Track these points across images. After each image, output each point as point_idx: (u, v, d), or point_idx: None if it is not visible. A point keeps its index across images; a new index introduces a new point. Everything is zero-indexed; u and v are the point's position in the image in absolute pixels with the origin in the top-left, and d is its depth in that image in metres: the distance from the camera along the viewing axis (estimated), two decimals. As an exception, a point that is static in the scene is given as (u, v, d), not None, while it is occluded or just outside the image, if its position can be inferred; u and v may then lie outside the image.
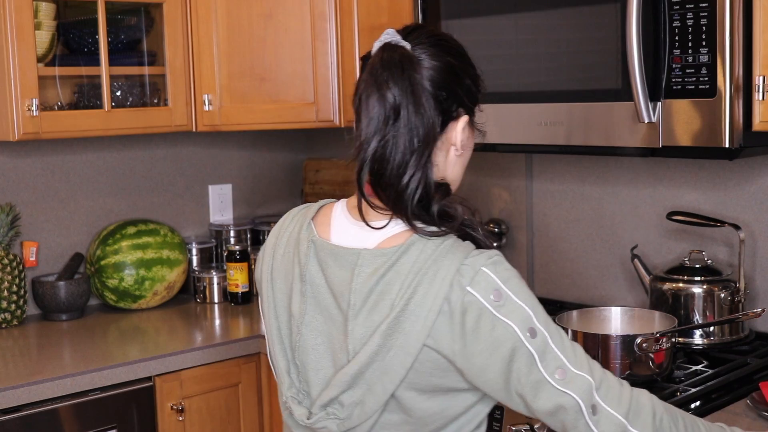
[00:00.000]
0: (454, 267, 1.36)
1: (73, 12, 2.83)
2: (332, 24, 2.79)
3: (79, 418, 2.35)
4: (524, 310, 1.36)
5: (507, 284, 1.37)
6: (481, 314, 1.35)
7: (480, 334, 1.36)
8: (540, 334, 1.36)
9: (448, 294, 1.36)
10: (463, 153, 1.52)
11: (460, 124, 1.48)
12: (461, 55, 1.50)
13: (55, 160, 2.98)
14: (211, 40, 2.82)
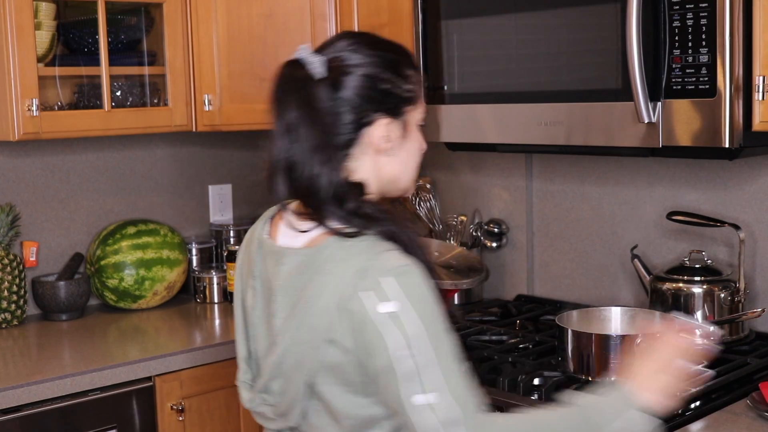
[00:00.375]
0: (355, 269, 1.42)
1: (73, 12, 2.83)
2: (332, 24, 2.79)
3: (79, 418, 2.35)
4: (412, 325, 1.38)
5: (404, 296, 1.39)
6: (368, 320, 1.40)
7: (365, 339, 1.41)
8: (424, 352, 1.38)
9: (345, 294, 1.42)
10: (397, 153, 1.57)
11: (378, 128, 1.53)
12: (377, 60, 1.54)
13: (55, 160, 2.98)
14: (211, 40, 2.82)
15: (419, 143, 1.60)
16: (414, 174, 1.62)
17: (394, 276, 1.41)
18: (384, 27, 2.66)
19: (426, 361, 1.38)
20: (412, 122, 1.57)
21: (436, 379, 1.38)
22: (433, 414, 1.37)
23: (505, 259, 2.91)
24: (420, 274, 1.43)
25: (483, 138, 2.39)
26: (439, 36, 2.43)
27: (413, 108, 1.57)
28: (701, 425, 1.85)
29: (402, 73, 1.55)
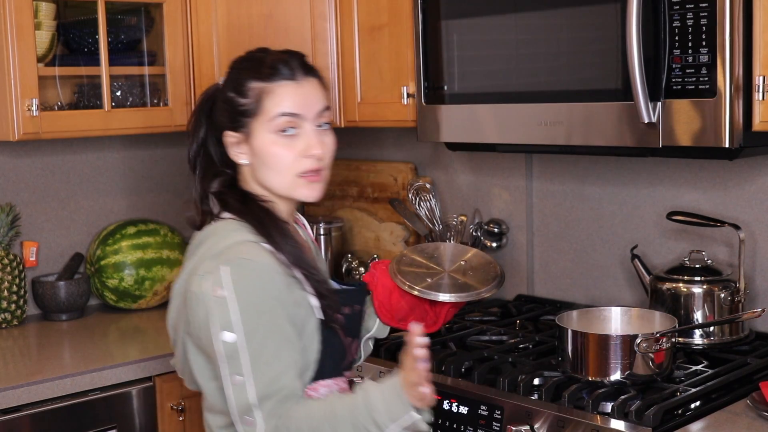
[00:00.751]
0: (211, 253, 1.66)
1: (73, 12, 2.83)
2: (332, 24, 2.79)
3: (79, 418, 2.35)
4: (231, 315, 1.60)
5: (235, 287, 1.60)
6: (200, 301, 1.63)
7: (197, 317, 1.65)
8: (236, 341, 1.60)
9: (192, 273, 1.68)
10: (255, 162, 1.74)
11: (226, 140, 1.76)
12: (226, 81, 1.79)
13: (55, 160, 2.98)
14: (211, 40, 2.82)
15: (277, 150, 1.72)
16: (285, 179, 1.73)
17: (231, 266, 1.61)
18: (384, 27, 2.66)
19: (239, 347, 1.60)
20: (257, 131, 1.72)
21: (245, 365, 1.60)
22: (238, 395, 1.61)
23: (505, 259, 2.91)
24: (257, 269, 1.62)
25: (483, 138, 2.39)
26: (439, 36, 2.43)
27: (255, 118, 1.72)
28: (701, 425, 1.85)
29: (240, 88, 1.74)
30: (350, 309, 1.83)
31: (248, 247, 1.65)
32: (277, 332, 1.63)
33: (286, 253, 1.68)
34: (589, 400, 1.90)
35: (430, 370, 1.59)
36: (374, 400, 1.60)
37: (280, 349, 1.63)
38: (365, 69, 2.73)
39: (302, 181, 1.74)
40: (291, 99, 1.72)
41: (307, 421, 1.61)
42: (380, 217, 3.21)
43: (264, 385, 1.61)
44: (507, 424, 1.96)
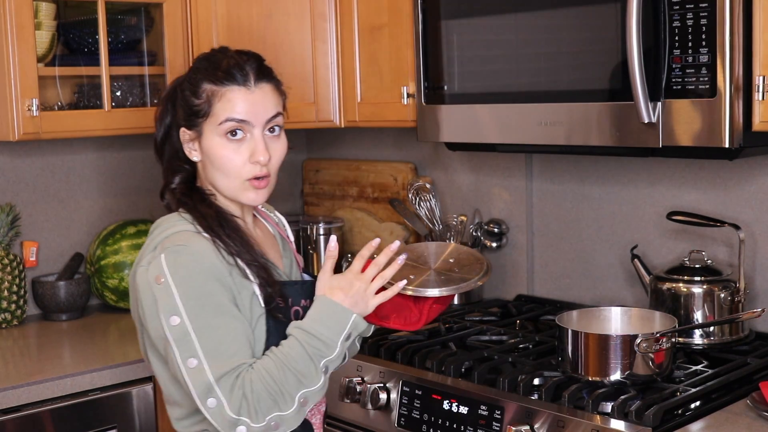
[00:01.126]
0: (155, 243, 1.72)
1: (73, 12, 2.83)
2: (332, 24, 2.79)
3: (79, 418, 2.35)
4: (174, 299, 1.65)
5: (170, 273, 1.65)
6: (145, 289, 1.68)
7: (144, 305, 1.69)
8: (182, 323, 1.64)
9: (138, 261, 1.74)
10: (204, 160, 1.79)
11: (181, 136, 1.80)
12: (185, 78, 1.81)
13: (55, 160, 2.98)
14: (211, 40, 2.81)
15: (225, 153, 1.75)
16: (232, 183, 1.77)
17: (167, 254, 1.67)
18: (384, 27, 2.66)
19: (187, 330, 1.64)
20: (207, 132, 1.76)
21: (194, 347, 1.64)
22: (195, 378, 1.64)
23: (505, 259, 2.91)
24: (193, 253, 1.67)
25: (483, 138, 2.39)
26: (439, 36, 2.43)
27: (206, 120, 1.75)
28: (701, 425, 1.85)
29: (195, 89, 1.76)
30: (309, 302, 1.82)
31: (185, 235, 1.71)
32: (222, 311, 1.66)
33: (226, 244, 1.72)
34: (589, 400, 1.90)
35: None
36: (314, 325, 1.70)
37: (228, 327, 1.66)
38: (365, 69, 2.73)
39: (248, 186, 1.78)
40: (240, 105, 1.74)
41: (267, 378, 1.65)
42: (380, 217, 3.21)
43: (219, 363, 1.64)
44: (507, 424, 1.96)
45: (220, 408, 1.64)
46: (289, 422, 1.68)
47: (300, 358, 1.68)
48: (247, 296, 1.73)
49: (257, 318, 1.74)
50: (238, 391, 1.64)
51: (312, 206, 3.49)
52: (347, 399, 2.25)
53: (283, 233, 2.01)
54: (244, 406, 1.64)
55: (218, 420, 1.65)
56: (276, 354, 1.69)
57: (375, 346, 2.35)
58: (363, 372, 2.27)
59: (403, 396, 2.17)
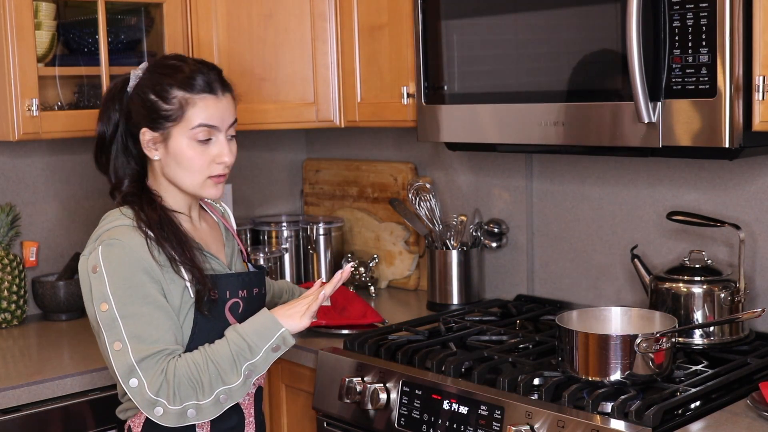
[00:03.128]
0: (96, 235, 1.91)
1: (73, 12, 2.83)
2: (332, 24, 2.79)
3: (80, 418, 2.35)
4: (105, 288, 1.82)
5: (104, 263, 1.83)
6: (84, 277, 1.87)
7: (84, 291, 1.88)
8: (110, 309, 1.81)
9: (83, 252, 1.92)
10: (166, 159, 1.94)
11: (143, 136, 1.94)
12: (147, 84, 1.93)
13: (55, 160, 2.98)
14: (211, 40, 2.82)
15: (192, 154, 1.92)
16: (195, 180, 1.94)
17: (103, 246, 1.85)
18: (384, 27, 2.66)
19: (115, 316, 1.81)
20: (175, 135, 1.91)
21: (120, 332, 1.81)
22: (119, 360, 1.81)
23: (505, 259, 2.91)
24: (125, 247, 1.84)
25: (483, 138, 2.39)
26: (439, 36, 2.43)
27: (176, 124, 1.90)
28: (701, 425, 1.85)
29: (164, 94, 1.90)
30: (247, 292, 2.00)
31: (121, 229, 1.87)
32: (149, 302, 1.82)
33: (162, 245, 1.87)
34: (589, 400, 1.90)
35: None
36: (245, 329, 1.87)
37: (153, 315, 1.82)
38: (365, 69, 2.73)
39: (210, 182, 1.96)
40: (210, 112, 1.92)
41: (191, 366, 1.81)
42: (380, 217, 3.21)
43: (142, 347, 1.80)
44: (507, 424, 1.96)
45: (141, 388, 1.79)
46: (205, 413, 1.83)
47: (225, 355, 1.84)
48: (178, 289, 1.88)
49: (186, 310, 1.89)
50: (160, 375, 1.79)
51: (312, 206, 3.49)
52: (347, 399, 2.25)
53: (226, 223, 2.16)
54: (164, 388, 1.79)
55: (138, 399, 1.80)
56: (205, 348, 1.86)
57: (375, 346, 2.35)
58: (363, 372, 2.27)
59: (403, 396, 2.17)
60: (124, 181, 1.99)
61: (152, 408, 1.80)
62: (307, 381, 2.46)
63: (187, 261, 1.89)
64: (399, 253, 3.15)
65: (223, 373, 1.83)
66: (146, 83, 1.93)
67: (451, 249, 2.83)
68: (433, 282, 2.87)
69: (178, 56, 2.00)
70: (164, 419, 1.81)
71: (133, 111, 1.95)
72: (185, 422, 1.84)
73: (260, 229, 3.29)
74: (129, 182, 1.98)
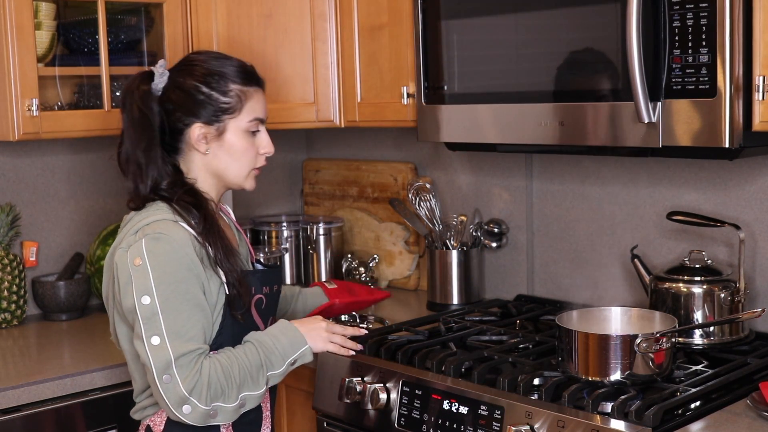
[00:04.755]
0: (135, 229, 1.87)
1: (73, 12, 2.83)
2: (332, 24, 2.79)
3: (79, 418, 2.35)
4: (148, 280, 1.81)
5: (149, 257, 1.82)
6: (124, 269, 1.85)
7: (121, 283, 1.86)
8: (152, 303, 1.81)
9: (116, 246, 1.90)
10: (217, 153, 1.96)
11: (194, 131, 1.94)
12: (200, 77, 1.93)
13: (55, 160, 2.98)
14: (211, 41, 2.82)
15: (245, 146, 1.97)
16: (244, 171, 1.99)
17: (147, 239, 1.84)
18: (384, 27, 2.66)
19: (156, 310, 1.81)
20: (231, 128, 1.94)
21: (160, 326, 1.81)
22: (156, 354, 1.81)
23: (505, 259, 2.91)
24: (171, 242, 1.83)
25: (483, 138, 2.39)
26: (439, 36, 2.43)
27: (232, 116, 1.94)
28: (701, 425, 1.85)
29: (222, 87, 1.92)
30: (269, 288, 2.05)
31: (165, 224, 1.86)
32: (189, 298, 1.84)
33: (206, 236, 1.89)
34: (589, 400, 1.90)
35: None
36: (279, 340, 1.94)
37: (192, 313, 1.84)
38: (365, 69, 2.73)
39: (253, 174, 2.03)
40: (261, 104, 2.00)
41: (223, 369, 1.85)
42: (380, 217, 3.21)
43: (181, 344, 1.81)
44: (507, 424, 1.96)
45: (174, 384, 1.80)
46: (225, 415, 1.87)
47: (254, 363, 1.90)
48: (215, 287, 1.91)
49: (220, 308, 1.92)
50: (196, 374, 1.81)
51: (312, 206, 3.49)
52: (347, 399, 2.25)
53: (236, 224, 2.19)
54: (198, 387, 1.81)
55: (169, 395, 1.81)
56: (234, 353, 1.89)
57: (375, 346, 2.35)
58: (363, 372, 2.27)
59: (403, 396, 2.17)
60: (162, 181, 1.96)
61: (181, 405, 1.82)
62: (307, 381, 2.46)
63: (227, 260, 1.91)
64: (399, 253, 3.15)
65: (250, 379, 1.89)
66: (193, 77, 1.94)
67: (451, 249, 2.83)
68: (433, 282, 2.87)
69: (209, 52, 2.05)
70: (190, 417, 1.83)
71: (178, 108, 1.94)
72: (208, 422, 1.87)
73: (260, 229, 3.29)
74: (169, 180, 1.96)
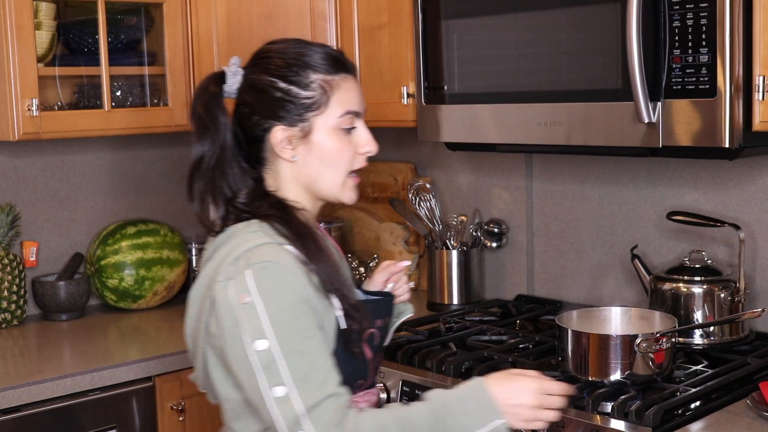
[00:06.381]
0: (232, 257, 1.52)
1: (73, 12, 2.83)
2: (332, 24, 2.79)
3: (79, 418, 2.35)
4: (261, 322, 1.46)
5: (260, 292, 1.47)
6: (227, 308, 1.49)
7: (224, 326, 1.50)
8: (270, 350, 1.46)
9: (213, 280, 1.54)
10: (305, 158, 1.61)
11: (275, 135, 1.60)
12: (273, 71, 1.61)
13: (55, 160, 2.98)
14: (211, 41, 2.82)
15: (338, 146, 1.61)
16: (338, 177, 1.63)
17: (254, 270, 1.49)
18: (384, 27, 2.66)
19: (275, 355, 1.46)
20: (318, 127, 1.60)
21: (284, 374, 1.46)
22: (283, 409, 1.46)
23: (505, 259, 2.91)
24: (283, 271, 1.49)
25: (483, 138, 2.39)
26: (439, 36, 2.43)
27: (318, 113, 1.59)
28: (701, 425, 1.85)
29: (302, 81, 1.59)
30: (382, 321, 1.72)
31: (271, 249, 1.52)
32: (311, 336, 1.49)
33: (313, 259, 1.55)
34: (589, 400, 1.90)
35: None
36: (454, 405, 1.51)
37: (317, 353, 1.49)
38: (365, 69, 2.73)
39: (350, 182, 1.64)
40: (353, 94, 1.63)
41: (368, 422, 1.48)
42: (380, 217, 3.21)
43: (310, 393, 1.46)
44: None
45: None
46: None
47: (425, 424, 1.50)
48: (331, 319, 1.58)
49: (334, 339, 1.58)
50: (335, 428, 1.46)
51: (312, 206, 3.49)
52: (347, 399, 2.25)
53: (335, 243, 1.82)
54: None
55: None
56: (399, 412, 1.51)
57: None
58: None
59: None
60: (239, 195, 1.62)
61: None
62: (307, 381, 2.46)
63: (340, 288, 1.58)
64: (399, 253, 3.15)
65: None
66: (267, 73, 1.61)
67: (451, 249, 2.83)
68: (433, 282, 2.87)
69: (287, 40, 1.67)
70: None
71: (254, 111, 1.61)
72: None
73: (260, 229, 3.29)
74: (246, 194, 1.62)
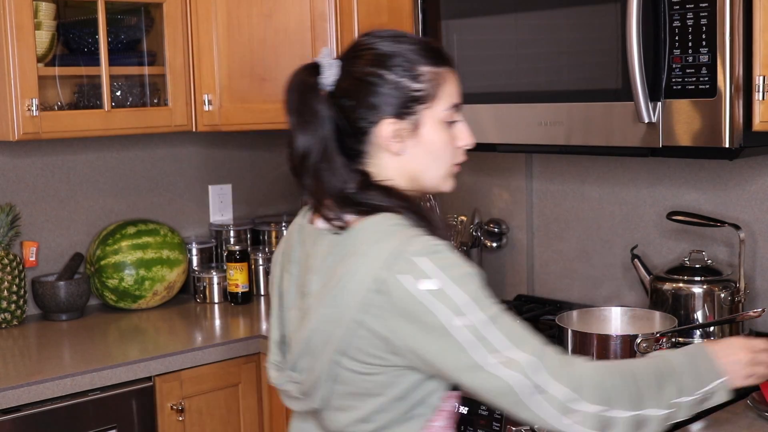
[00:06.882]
0: (387, 252, 1.45)
1: (73, 12, 2.83)
2: (332, 24, 2.79)
3: (79, 418, 2.35)
4: (454, 299, 1.42)
5: (443, 272, 1.43)
6: (413, 300, 1.42)
7: (414, 319, 1.43)
8: (478, 318, 1.41)
9: (380, 277, 1.44)
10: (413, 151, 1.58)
11: (383, 129, 1.56)
12: (382, 62, 1.56)
13: (55, 160, 2.98)
14: (211, 40, 2.82)
15: (445, 140, 1.59)
16: (442, 170, 1.61)
17: (428, 255, 1.44)
18: (384, 27, 2.66)
19: (482, 324, 1.41)
20: (427, 120, 1.57)
21: (498, 337, 1.41)
22: (512, 369, 1.40)
23: (505, 259, 2.91)
24: (450, 249, 1.47)
25: (483, 138, 2.39)
26: (439, 36, 2.43)
27: (427, 106, 1.56)
28: (701, 425, 1.85)
29: (412, 72, 1.55)
30: None
31: (424, 236, 1.48)
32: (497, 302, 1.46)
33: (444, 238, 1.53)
34: (589, 400, 1.90)
35: None
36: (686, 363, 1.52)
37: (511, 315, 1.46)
38: (365, 69, 2.73)
39: (452, 173, 1.64)
40: (457, 87, 1.61)
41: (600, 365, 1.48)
42: (380, 217, 3.21)
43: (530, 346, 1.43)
44: (507, 424, 1.96)
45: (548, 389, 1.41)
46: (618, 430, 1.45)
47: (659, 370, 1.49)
48: None
49: None
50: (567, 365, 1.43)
51: (312, 206, 3.49)
52: (347, 399, 2.25)
53: None
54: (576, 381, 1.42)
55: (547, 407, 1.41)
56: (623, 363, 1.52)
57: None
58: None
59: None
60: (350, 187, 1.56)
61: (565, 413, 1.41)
62: (307, 381, 2.46)
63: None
64: (399, 253, 3.15)
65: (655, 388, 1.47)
66: (372, 64, 1.56)
67: (451, 249, 2.83)
68: (433, 282, 2.86)
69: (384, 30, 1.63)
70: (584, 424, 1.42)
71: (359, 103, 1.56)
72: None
73: (260, 229, 3.29)
74: (358, 186, 1.57)
